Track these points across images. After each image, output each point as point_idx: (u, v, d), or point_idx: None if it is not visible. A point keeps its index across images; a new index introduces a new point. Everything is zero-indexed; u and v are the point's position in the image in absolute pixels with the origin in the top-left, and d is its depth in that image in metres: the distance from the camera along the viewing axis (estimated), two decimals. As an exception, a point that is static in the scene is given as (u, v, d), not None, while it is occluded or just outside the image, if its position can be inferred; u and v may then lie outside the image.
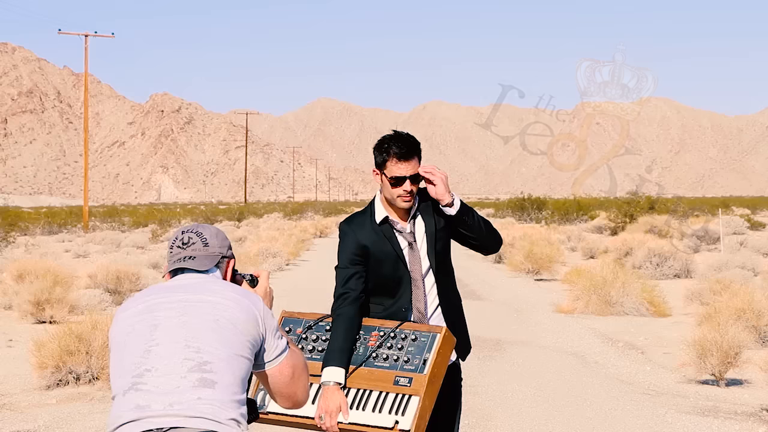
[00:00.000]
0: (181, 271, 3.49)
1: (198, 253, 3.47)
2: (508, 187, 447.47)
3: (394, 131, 4.62)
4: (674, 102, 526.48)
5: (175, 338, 3.18)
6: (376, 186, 4.66)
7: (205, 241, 3.50)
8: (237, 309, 3.27)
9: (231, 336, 3.20)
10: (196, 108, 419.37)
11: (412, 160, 4.50)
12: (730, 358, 9.98)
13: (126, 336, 3.25)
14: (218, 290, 3.33)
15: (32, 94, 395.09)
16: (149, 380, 3.12)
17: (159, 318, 3.24)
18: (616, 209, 43.85)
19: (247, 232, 48.33)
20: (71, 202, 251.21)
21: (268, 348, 3.34)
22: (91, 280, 19.28)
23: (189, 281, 3.40)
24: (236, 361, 3.19)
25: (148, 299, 3.34)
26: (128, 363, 3.19)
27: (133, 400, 3.10)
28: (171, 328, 3.21)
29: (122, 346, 3.24)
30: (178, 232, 3.56)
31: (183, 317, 3.23)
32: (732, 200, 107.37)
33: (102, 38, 64.62)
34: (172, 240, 3.54)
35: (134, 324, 3.26)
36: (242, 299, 3.31)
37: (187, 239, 3.50)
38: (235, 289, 3.36)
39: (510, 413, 8.88)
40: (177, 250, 3.49)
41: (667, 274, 23.38)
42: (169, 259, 3.51)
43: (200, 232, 3.52)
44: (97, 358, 10.22)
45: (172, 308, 3.26)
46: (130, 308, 3.34)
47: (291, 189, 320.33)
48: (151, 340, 3.19)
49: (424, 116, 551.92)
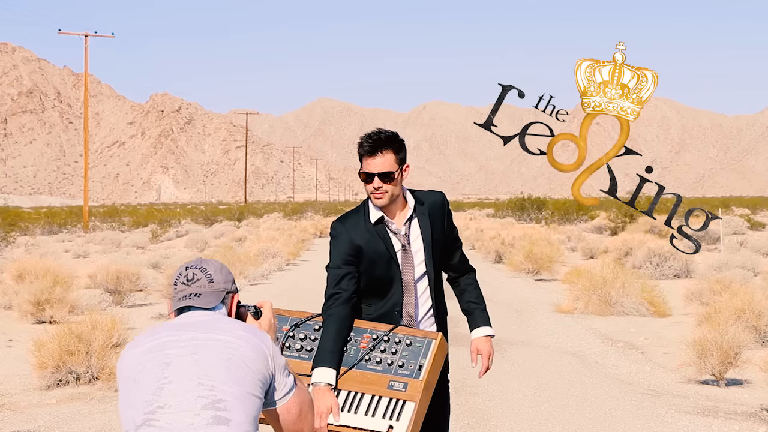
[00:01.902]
0: (187, 309, 3.45)
1: (203, 289, 3.44)
2: (508, 187, 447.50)
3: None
4: (674, 102, 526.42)
5: (188, 375, 3.17)
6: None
7: (209, 277, 3.46)
8: (247, 348, 3.25)
9: (243, 374, 3.20)
10: (196, 108, 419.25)
11: (380, 155, 4.48)
12: (730, 358, 9.98)
13: (136, 373, 3.23)
14: (228, 329, 3.31)
15: (32, 94, 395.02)
16: (162, 417, 3.11)
17: (170, 356, 3.22)
18: (616, 209, 43.90)
19: (247, 232, 48.32)
20: (71, 202, 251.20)
21: (277, 386, 3.33)
22: (91, 280, 19.28)
23: (197, 319, 3.38)
24: (248, 399, 3.18)
25: (157, 337, 3.31)
26: (139, 400, 3.17)
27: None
28: (183, 365, 3.19)
29: (132, 383, 3.23)
30: (182, 268, 3.51)
31: (195, 355, 3.21)
32: (732, 200, 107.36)
33: (102, 38, 64.68)
34: (176, 276, 3.50)
35: (144, 362, 3.24)
36: (252, 338, 3.30)
37: (192, 275, 3.46)
38: (243, 327, 3.34)
39: (510, 413, 8.88)
40: (182, 287, 3.45)
41: (667, 274, 23.38)
42: (174, 297, 3.47)
43: (204, 268, 3.48)
44: (97, 358, 10.22)
45: (183, 346, 3.24)
46: (140, 346, 3.31)
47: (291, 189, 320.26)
48: (163, 378, 3.18)
49: (424, 116, 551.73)
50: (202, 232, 50.12)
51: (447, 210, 4.66)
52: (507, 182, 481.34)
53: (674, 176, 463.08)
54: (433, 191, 4.69)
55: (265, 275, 25.25)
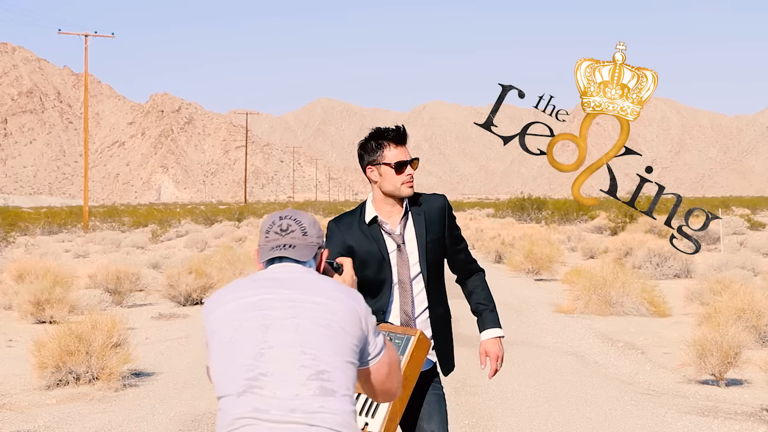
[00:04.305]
0: (279, 260, 3.33)
1: (297, 241, 3.32)
2: (508, 187, 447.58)
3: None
4: (674, 102, 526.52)
5: (290, 342, 3.08)
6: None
7: (304, 229, 3.34)
8: (344, 311, 3.17)
9: (342, 342, 3.12)
10: (196, 108, 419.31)
11: (406, 145, 4.53)
12: (730, 358, 9.97)
13: (232, 331, 3.12)
14: (323, 289, 3.21)
15: (32, 94, 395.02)
16: (266, 384, 3.02)
17: (270, 318, 3.12)
18: (616, 209, 43.90)
19: (247, 232, 48.32)
20: (71, 202, 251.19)
21: (370, 348, 3.26)
22: (91, 280, 19.27)
23: (291, 275, 3.25)
24: (348, 368, 3.13)
25: (251, 293, 3.18)
26: (238, 363, 3.06)
27: (250, 403, 3.01)
28: (283, 330, 3.09)
29: (228, 342, 3.11)
30: (274, 217, 3.38)
31: (295, 320, 3.11)
32: (732, 200, 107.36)
33: (102, 38, 64.71)
34: (268, 225, 3.36)
35: (241, 320, 3.12)
36: (347, 299, 3.21)
37: (286, 226, 3.34)
38: (338, 287, 3.24)
39: (510, 413, 8.88)
40: (274, 236, 3.32)
41: (667, 274, 23.37)
42: (264, 246, 3.33)
43: (299, 220, 3.36)
44: (97, 358, 10.21)
45: (283, 308, 3.13)
46: (231, 301, 3.18)
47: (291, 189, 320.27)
48: (263, 342, 3.08)
49: (424, 116, 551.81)
50: (202, 232, 50.11)
51: (448, 213, 4.65)
52: (507, 182, 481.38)
53: (674, 176, 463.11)
54: (435, 194, 4.68)
55: (265, 275, 25.22)
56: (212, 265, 21.18)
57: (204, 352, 13.16)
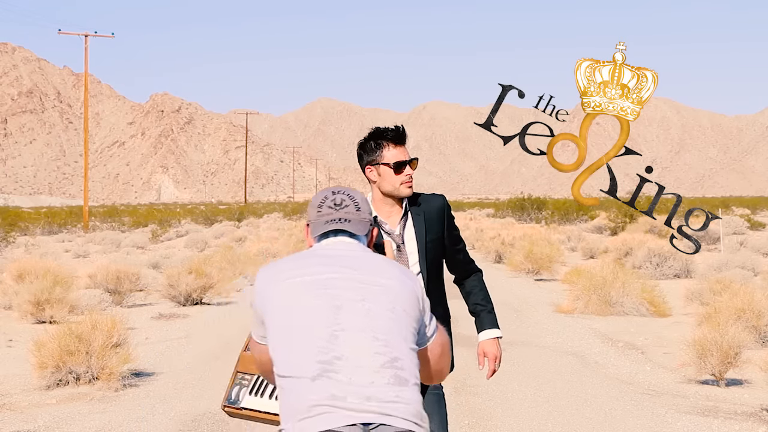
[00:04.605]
0: (333, 233, 3.29)
1: (352, 216, 3.28)
2: (508, 187, 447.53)
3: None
4: (674, 102, 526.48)
5: (361, 326, 3.02)
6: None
7: (357, 204, 3.31)
8: (406, 293, 3.13)
9: (406, 327, 3.09)
10: (196, 108, 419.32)
11: (405, 145, 4.53)
12: (730, 358, 9.97)
13: (301, 310, 3.06)
14: (385, 269, 3.16)
15: (32, 94, 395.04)
16: (341, 369, 2.96)
17: (340, 299, 3.06)
18: (616, 209, 43.91)
19: (247, 232, 48.34)
20: (71, 202, 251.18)
21: (427, 330, 3.22)
22: (91, 280, 19.27)
23: (350, 252, 3.21)
24: (414, 356, 3.09)
25: (316, 270, 3.12)
26: (309, 344, 3.00)
27: (326, 389, 2.95)
28: (354, 313, 3.04)
29: (297, 321, 3.05)
30: (326, 192, 3.34)
31: (365, 303, 3.06)
32: (732, 200, 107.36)
33: (102, 38, 64.70)
34: (320, 199, 3.33)
35: (309, 298, 3.06)
36: (407, 281, 3.17)
37: (340, 200, 3.30)
38: (396, 267, 3.20)
39: (510, 413, 8.88)
40: (328, 210, 3.28)
41: (667, 274, 23.37)
42: (318, 220, 3.29)
43: (352, 195, 3.34)
44: (97, 358, 10.21)
45: (351, 289, 3.08)
46: (295, 276, 3.11)
47: (291, 189, 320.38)
48: (336, 324, 3.01)
49: (424, 116, 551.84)
50: (202, 232, 50.11)
51: (447, 214, 4.66)
52: (507, 182, 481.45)
53: (674, 176, 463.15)
54: (434, 194, 4.69)
55: (265, 275, 25.22)
56: (212, 265, 21.19)
57: (204, 350, 13.12)
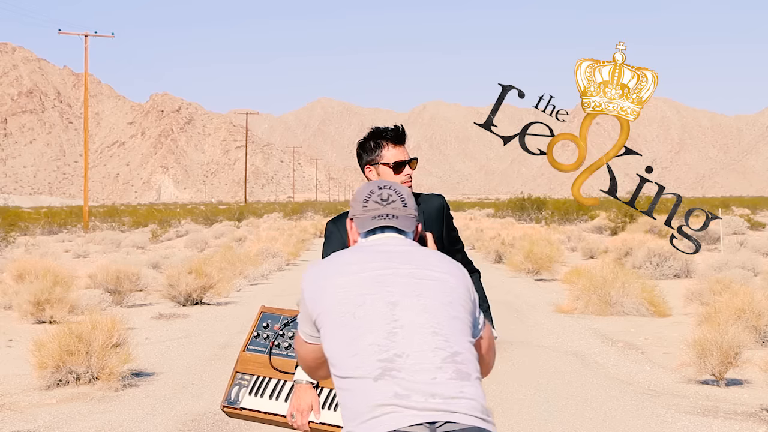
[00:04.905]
0: (380, 229, 3.23)
1: (399, 212, 3.22)
2: (508, 187, 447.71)
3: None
4: (674, 102, 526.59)
5: (419, 322, 2.97)
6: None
7: (404, 200, 3.26)
8: (460, 287, 3.09)
9: (463, 320, 3.04)
10: (196, 108, 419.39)
11: (404, 145, 4.54)
12: (730, 358, 9.97)
13: (356, 307, 3.00)
14: (437, 263, 3.12)
15: (32, 94, 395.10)
16: (402, 367, 2.90)
17: (395, 294, 3.00)
18: (616, 209, 43.93)
19: (247, 232, 48.35)
20: (71, 202, 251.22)
21: (478, 321, 3.18)
22: (91, 280, 19.28)
23: (400, 247, 3.15)
24: (473, 349, 3.04)
25: (368, 266, 3.07)
26: (368, 342, 2.94)
27: (390, 389, 2.88)
28: (411, 309, 2.99)
29: (350, 318, 3.00)
30: (372, 186, 3.28)
31: (420, 298, 3.01)
32: (732, 200, 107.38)
33: (102, 38, 64.72)
34: (365, 194, 3.27)
35: (364, 295, 3.01)
36: (459, 272, 3.13)
37: (386, 195, 3.24)
38: (447, 260, 3.16)
39: (510, 413, 8.88)
40: (375, 205, 3.22)
41: (667, 274, 23.38)
42: (364, 215, 3.23)
43: (398, 190, 3.27)
44: (97, 358, 10.21)
45: (405, 284, 3.03)
46: (346, 273, 3.06)
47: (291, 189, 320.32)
48: (393, 320, 2.96)
49: (424, 116, 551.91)
50: (202, 232, 50.11)
51: (446, 213, 4.67)
52: (507, 182, 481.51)
53: (674, 176, 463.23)
54: (433, 194, 4.70)
55: (265, 275, 25.25)
56: (212, 265, 21.18)
57: (204, 350, 13.09)
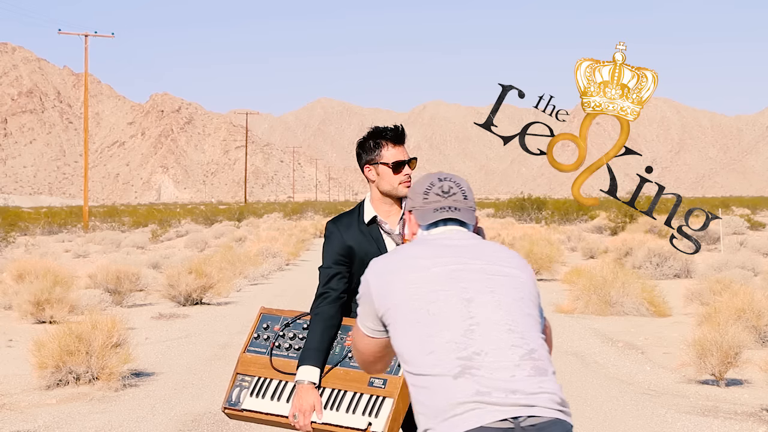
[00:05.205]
0: (443, 222, 3.17)
1: (460, 204, 3.16)
2: (508, 187, 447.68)
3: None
4: (674, 102, 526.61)
5: (495, 319, 2.94)
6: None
7: (464, 192, 3.20)
8: (529, 282, 3.07)
9: (534, 316, 3.03)
10: (196, 108, 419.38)
11: (404, 144, 4.54)
12: (730, 358, 9.98)
13: (429, 303, 2.96)
14: (505, 258, 3.09)
15: (32, 94, 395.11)
16: (482, 365, 2.88)
17: (469, 291, 2.97)
18: (616, 209, 43.94)
19: (247, 232, 48.34)
20: (71, 202, 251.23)
21: (542, 314, 3.16)
22: (91, 280, 19.28)
23: (465, 241, 3.11)
24: (545, 344, 3.03)
25: (439, 261, 3.03)
26: (445, 339, 2.91)
27: (471, 386, 2.87)
28: (486, 306, 2.96)
29: (425, 314, 2.96)
30: (432, 178, 3.22)
31: (494, 294, 2.98)
32: (732, 200, 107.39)
33: (102, 38, 64.73)
34: (425, 186, 3.20)
35: (437, 291, 2.97)
36: (526, 267, 3.11)
37: (447, 188, 3.18)
38: (513, 254, 3.13)
39: (510, 413, 8.87)
40: (436, 198, 3.16)
41: (667, 274, 23.38)
42: (424, 207, 3.17)
43: (458, 183, 3.21)
44: (97, 358, 10.21)
45: (479, 280, 3.00)
46: (416, 269, 3.02)
47: (291, 189, 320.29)
48: (469, 317, 2.93)
49: (424, 116, 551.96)
50: (202, 232, 50.11)
51: None
52: (507, 182, 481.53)
53: (674, 176, 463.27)
54: None
55: (265, 275, 25.25)
56: (212, 265, 21.19)
57: (204, 350, 13.07)
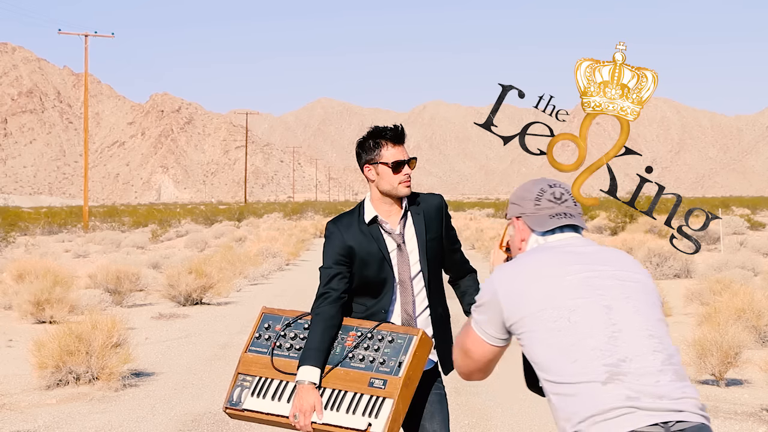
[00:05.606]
0: (560, 229, 3.17)
1: (572, 210, 3.18)
2: (508, 187, 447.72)
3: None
4: (674, 102, 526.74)
5: (635, 325, 2.97)
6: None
7: (573, 199, 3.22)
8: (654, 287, 3.09)
9: (665, 321, 3.06)
10: (196, 108, 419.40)
11: (404, 144, 4.53)
12: (730, 358, 9.97)
13: (570, 313, 2.97)
14: (631, 264, 3.10)
15: (32, 94, 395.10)
16: (628, 372, 2.90)
17: (606, 298, 2.99)
18: (616, 209, 43.94)
19: (247, 232, 48.34)
20: (71, 202, 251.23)
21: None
22: (91, 280, 19.28)
23: (587, 248, 3.11)
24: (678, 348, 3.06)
25: (572, 269, 3.03)
26: (589, 347, 2.92)
27: (620, 392, 2.89)
28: (625, 312, 2.98)
29: (567, 323, 2.96)
30: (541, 184, 3.24)
31: (630, 301, 3.00)
32: (732, 200, 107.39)
33: (102, 38, 64.70)
34: (536, 192, 3.22)
35: (576, 299, 2.98)
36: (647, 272, 3.12)
37: (559, 194, 3.20)
38: (634, 259, 3.15)
39: (510, 413, 8.88)
40: (549, 204, 3.18)
41: (667, 274, 23.38)
42: (538, 213, 3.18)
43: (568, 189, 3.23)
44: (97, 358, 10.21)
45: (614, 287, 3.01)
46: (549, 276, 3.02)
47: (291, 189, 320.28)
48: (611, 324, 2.95)
49: (424, 116, 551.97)
50: (202, 232, 50.11)
51: (445, 213, 4.67)
52: (507, 182, 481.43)
53: (674, 176, 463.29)
54: (432, 194, 4.69)
55: (265, 275, 25.25)
56: (212, 265, 21.19)
57: (204, 350, 13.09)
